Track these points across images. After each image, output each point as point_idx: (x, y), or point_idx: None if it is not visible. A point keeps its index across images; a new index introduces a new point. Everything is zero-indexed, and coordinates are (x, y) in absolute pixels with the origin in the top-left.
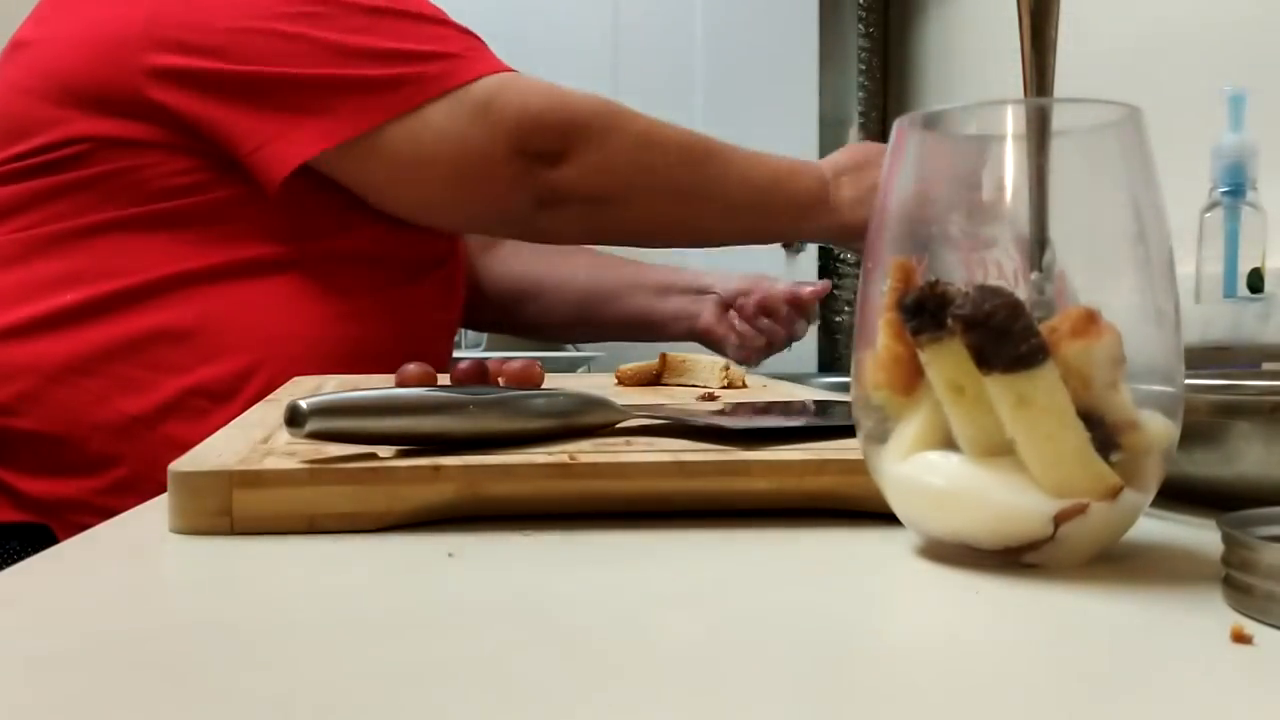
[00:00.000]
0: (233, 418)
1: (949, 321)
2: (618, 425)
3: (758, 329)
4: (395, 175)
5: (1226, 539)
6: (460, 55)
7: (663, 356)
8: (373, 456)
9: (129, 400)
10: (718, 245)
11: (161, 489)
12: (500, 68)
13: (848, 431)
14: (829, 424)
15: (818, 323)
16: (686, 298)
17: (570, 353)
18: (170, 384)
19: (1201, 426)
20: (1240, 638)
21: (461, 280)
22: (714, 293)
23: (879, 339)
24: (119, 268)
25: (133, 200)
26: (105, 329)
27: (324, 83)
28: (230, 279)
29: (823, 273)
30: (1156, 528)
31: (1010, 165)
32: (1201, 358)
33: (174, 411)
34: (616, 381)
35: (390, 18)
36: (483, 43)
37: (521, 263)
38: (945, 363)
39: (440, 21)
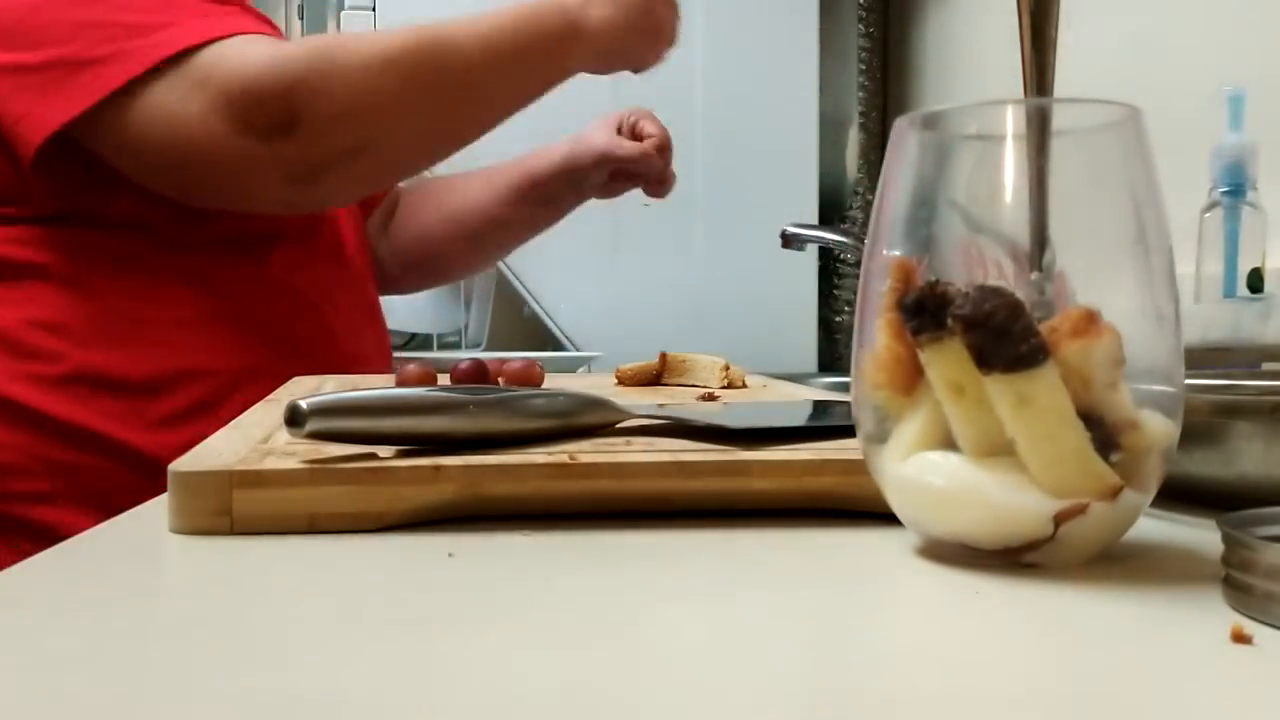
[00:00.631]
0: (125, 402)
1: (949, 321)
2: (618, 425)
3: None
4: (135, 157)
5: (1226, 539)
6: (175, 23)
7: (663, 356)
8: (373, 456)
9: (14, 387)
10: (502, 119)
11: (74, 488)
12: (221, 32)
13: (848, 431)
14: (829, 424)
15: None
16: (568, 195)
17: (570, 353)
18: (50, 372)
19: (1201, 426)
20: (1240, 638)
21: (355, 249)
22: (583, 174)
23: (879, 339)
24: None
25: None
26: None
27: (51, 63)
28: (91, 266)
29: (823, 273)
30: (1156, 528)
31: (1010, 165)
32: (1201, 358)
33: (62, 390)
34: (616, 381)
35: None
36: (223, 6)
37: (402, 238)
38: (945, 363)
39: None
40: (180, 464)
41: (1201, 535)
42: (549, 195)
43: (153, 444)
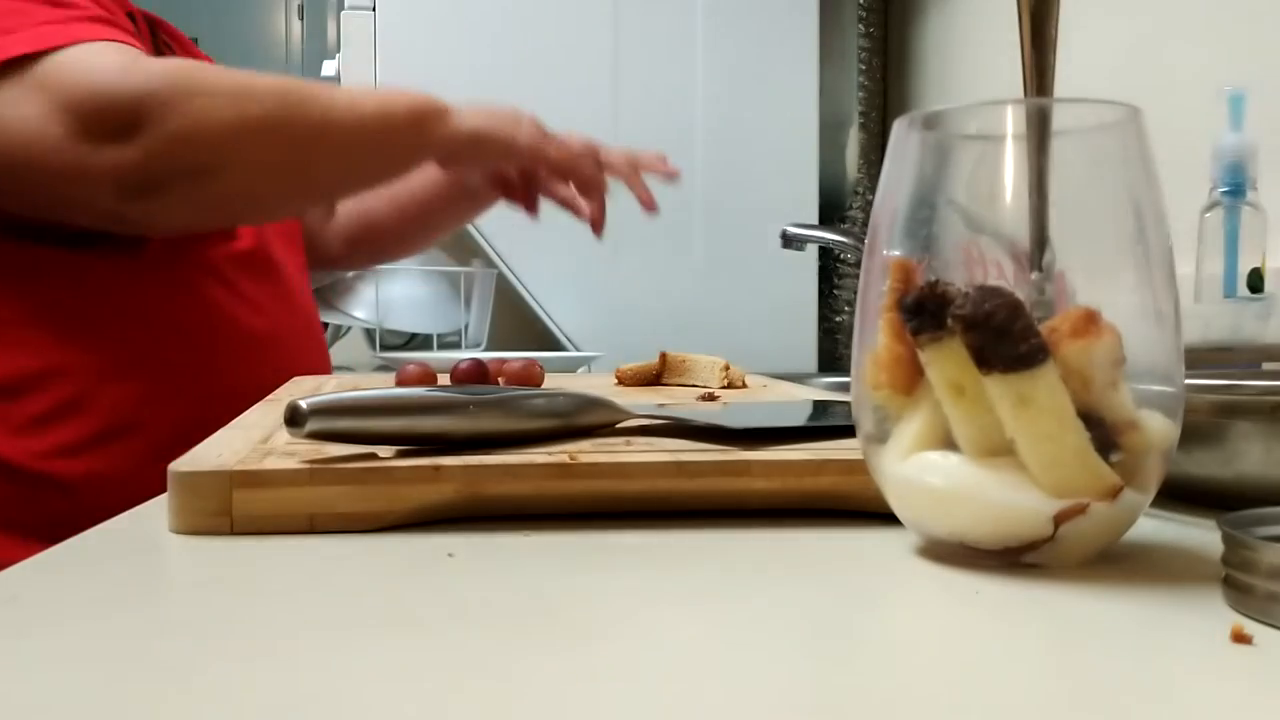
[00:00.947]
0: (25, 413)
1: (949, 321)
2: (618, 425)
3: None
4: None
5: (1226, 539)
6: (18, 29)
7: (663, 356)
8: (373, 456)
9: None
10: (348, 189)
11: None
12: (67, 39)
13: (848, 431)
14: (829, 424)
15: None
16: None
17: (570, 353)
18: None
19: (1201, 426)
20: (1240, 638)
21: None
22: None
23: (879, 339)
24: None
25: None
26: None
27: None
28: None
29: (823, 273)
30: (1156, 528)
31: (1010, 165)
32: (1201, 358)
33: None
34: (616, 381)
35: None
36: (73, 12)
37: (347, 216)
38: (945, 363)
39: None
40: (180, 464)
41: (1201, 535)
42: (468, 189)
43: (18, 450)
